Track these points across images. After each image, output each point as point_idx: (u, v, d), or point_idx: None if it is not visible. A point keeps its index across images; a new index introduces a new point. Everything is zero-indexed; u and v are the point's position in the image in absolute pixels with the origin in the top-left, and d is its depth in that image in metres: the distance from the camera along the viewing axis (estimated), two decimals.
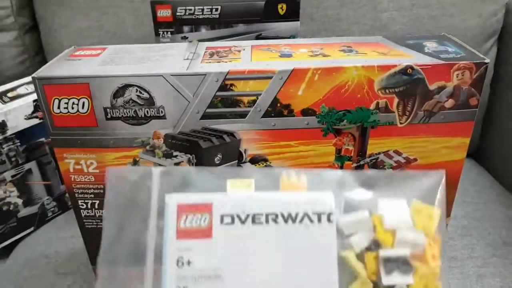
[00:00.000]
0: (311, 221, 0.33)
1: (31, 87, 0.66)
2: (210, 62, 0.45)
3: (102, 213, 0.51)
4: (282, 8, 0.64)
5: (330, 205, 0.34)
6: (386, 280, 0.33)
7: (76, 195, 0.50)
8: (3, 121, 0.61)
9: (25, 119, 0.63)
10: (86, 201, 0.50)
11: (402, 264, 0.34)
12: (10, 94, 0.64)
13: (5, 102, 0.63)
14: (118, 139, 0.46)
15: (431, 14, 0.75)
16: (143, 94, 0.44)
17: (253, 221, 0.33)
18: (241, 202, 0.33)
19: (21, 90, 0.65)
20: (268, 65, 0.44)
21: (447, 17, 0.75)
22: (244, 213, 0.33)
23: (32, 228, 0.69)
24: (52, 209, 0.71)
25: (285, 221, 0.33)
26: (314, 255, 0.33)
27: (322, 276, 0.33)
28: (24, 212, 0.68)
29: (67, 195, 0.71)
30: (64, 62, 0.46)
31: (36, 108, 0.64)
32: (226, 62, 0.46)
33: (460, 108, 0.45)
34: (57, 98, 0.44)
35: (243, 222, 0.33)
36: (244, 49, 0.49)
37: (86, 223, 0.52)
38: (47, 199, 0.70)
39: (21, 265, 0.63)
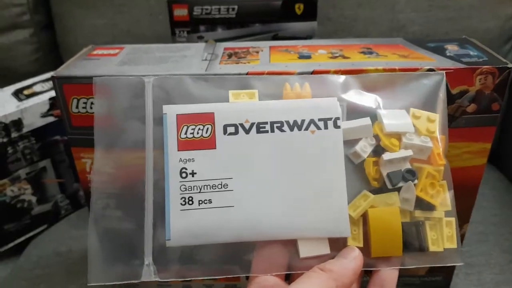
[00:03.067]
0: (318, 127, 0.33)
1: (47, 85, 0.66)
2: (228, 63, 0.45)
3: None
4: (299, 8, 0.63)
5: (336, 110, 0.33)
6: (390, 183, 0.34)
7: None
8: (19, 118, 0.61)
9: (41, 117, 0.63)
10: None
11: (405, 166, 0.34)
12: (26, 92, 0.64)
13: (21, 100, 0.63)
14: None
15: (449, 16, 0.74)
16: None
17: (258, 130, 0.32)
18: (244, 111, 0.33)
19: (37, 88, 0.65)
20: (287, 67, 0.44)
21: (465, 19, 0.74)
22: (249, 122, 0.32)
23: (45, 226, 0.70)
24: (66, 207, 0.71)
25: (291, 128, 0.32)
26: (321, 161, 0.33)
27: (330, 181, 0.33)
28: (37, 209, 0.68)
29: (80, 193, 0.71)
30: (83, 61, 0.46)
31: (52, 106, 0.64)
32: (244, 63, 0.45)
33: (482, 113, 0.44)
34: (76, 98, 0.44)
35: (247, 131, 0.32)
36: (262, 50, 0.48)
37: None
38: (61, 197, 0.70)
39: (34, 262, 0.64)
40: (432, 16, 0.74)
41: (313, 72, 0.43)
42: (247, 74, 0.43)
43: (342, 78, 0.36)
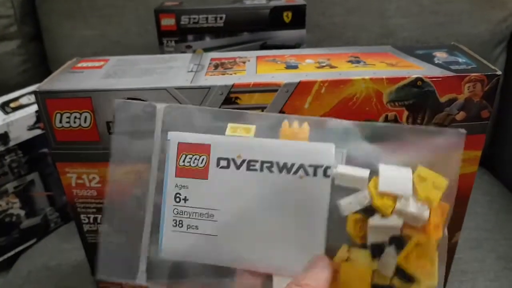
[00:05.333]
0: (307, 173, 0.32)
1: (33, 97, 0.65)
2: (214, 74, 0.45)
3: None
4: (287, 16, 0.63)
5: (329, 158, 0.32)
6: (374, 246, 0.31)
7: (78, 209, 0.49)
8: (5, 132, 0.60)
9: (28, 129, 0.63)
10: (88, 215, 0.49)
11: (392, 235, 0.31)
12: (12, 104, 0.64)
13: (7, 113, 0.62)
14: None
15: (439, 21, 0.74)
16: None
17: (248, 167, 0.33)
18: (238, 147, 0.33)
19: (23, 100, 0.65)
20: (273, 78, 0.43)
21: (455, 24, 0.74)
22: (241, 158, 0.33)
23: (34, 240, 0.69)
24: (55, 220, 0.70)
25: (280, 170, 0.32)
26: (305, 207, 0.32)
27: (310, 228, 0.32)
28: (26, 223, 0.67)
29: (69, 207, 0.71)
30: (67, 75, 0.46)
31: (39, 118, 0.63)
32: (231, 74, 0.45)
33: (472, 121, 0.44)
34: (59, 112, 0.43)
35: (238, 167, 0.33)
36: (249, 60, 0.48)
37: (88, 238, 0.51)
38: (50, 210, 0.69)
39: (23, 277, 0.63)
40: (422, 21, 0.74)
41: (299, 83, 0.42)
42: (233, 86, 0.42)
43: (345, 123, 0.34)
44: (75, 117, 0.43)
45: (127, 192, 0.36)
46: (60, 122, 0.44)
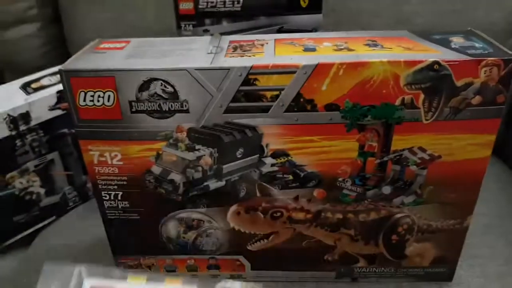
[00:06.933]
0: None
1: (54, 78, 0.67)
2: (233, 56, 0.45)
3: (124, 204, 0.52)
4: (304, 1, 0.63)
5: None
6: None
7: (100, 186, 0.50)
8: (27, 111, 0.62)
9: (49, 110, 0.64)
10: (109, 192, 0.51)
11: None
12: (33, 85, 0.65)
13: (29, 93, 0.63)
14: (142, 132, 0.47)
15: (454, 8, 0.74)
16: (167, 88, 0.44)
17: None
18: None
19: (44, 81, 0.66)
20: (292, 60, 0.44)
21: (470, 11, 0.74)
22: None
23: (53, 217, 0.71)
24: (73, 198, 0.72)
25: None
26: None
27: None
28: (46, 201, 0.69)
29: (88, 185, 0.72)
30: (90, 55, 0.47)
31: (59, 99, 0.64)
32: (249, 56, 0.45)
33: (487, 105, 0.44)
34: (83, 91, 0.44)
35: None
36: (267, 43, 0.49)
37: (108, 214, 0.53)
38: (69, 189, 0.71)
39: (42, 254, 0.65)
40: (437, 8, 0.74)
41: (318, 65, 0.43)
42: (251, 67, 0.43)
43: None
44: (99, 96, 0.44)
45: None
46: (84, 100, 0.45)
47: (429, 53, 0.44)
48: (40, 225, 0.70)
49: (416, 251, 0.54)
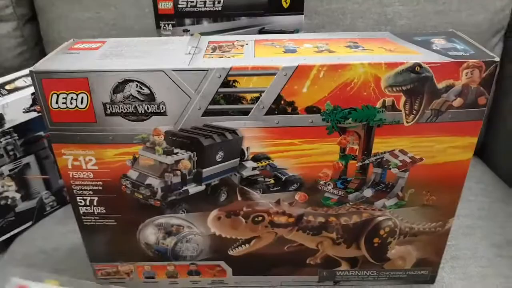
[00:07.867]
0: None
1: (29, 80, 0.65)
2: (212, 57, 0.44)
3: (100, 210, 0.50)
4: (286, 1, 0.62)
5: None
6: None
7: (75, 191, 0.49)
8: (0, 114, 0.60)
9: (24, 112, 0.62)
10: (84, 197, 0.49)
11: None
12: (8, 87, 0.63)
13: (3, 95, 0.61)
14: (117, 135, 0.45)
15: (437, 9, 0.74)
16: (143, 89, 0.43)
17: None
18: None
19: (19, 83, 0.64)
20: (272, 61, 0.43)
21: (453, 12, 0.74)
22: None
23: (30, 223, 0.69)
24: (51, 203, 0.70)
25: None
26: None
27: None
28: (22, 206, 0.67)
29: (66, 189, 0.70)
30: (63, 56, 0.45)
31: (35, 101, 0.62)
32: (229, 57, 0.44)
33: (468, 107, 0.44)
34: (55, 93, 0.43)
35: None
36: (247, 44, 0.48)
37: (84, 220, 0.51)
38: (46, 193, 0.69)
39: (19, 260, 0.63)
40: (420, 9, 0.74)
41: (298, 67, 0.42)
42: (231, 68, 0.42)
43: None
44: (72, 98, 0.43)
45: None
46: (57, 103, 0.43)
47: (411, 54, 0.44)
48: (16, 230, 0.68)
49: (398, 253, 0.54)
